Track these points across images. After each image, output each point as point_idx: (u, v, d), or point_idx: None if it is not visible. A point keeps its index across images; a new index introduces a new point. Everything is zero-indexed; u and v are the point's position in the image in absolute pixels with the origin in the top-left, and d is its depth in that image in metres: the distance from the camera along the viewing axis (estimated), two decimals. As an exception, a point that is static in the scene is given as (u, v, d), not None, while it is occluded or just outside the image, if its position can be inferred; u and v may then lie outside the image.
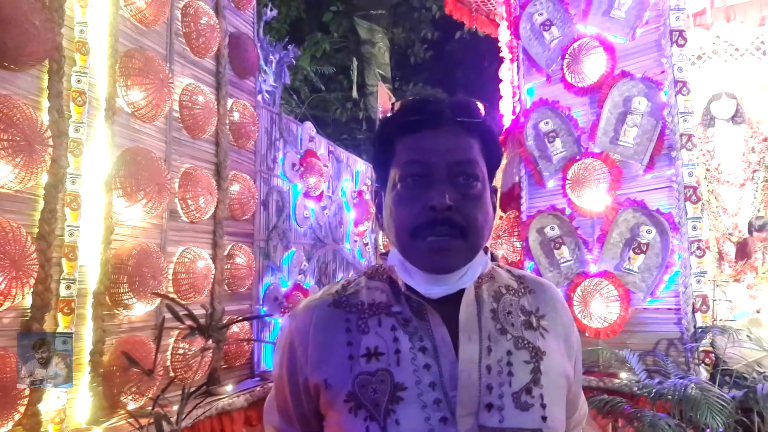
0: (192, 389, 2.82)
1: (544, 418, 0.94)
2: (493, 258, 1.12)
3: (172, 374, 3.40)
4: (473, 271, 1.02)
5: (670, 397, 3.07)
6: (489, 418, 0.91)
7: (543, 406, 0.94)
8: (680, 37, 3.95)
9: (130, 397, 2.98)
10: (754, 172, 5.84)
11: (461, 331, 0.97)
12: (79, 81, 2.80)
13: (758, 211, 5.79)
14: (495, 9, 6.80)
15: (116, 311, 3.03)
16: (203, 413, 3.34)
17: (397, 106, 1.06)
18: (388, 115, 1.07)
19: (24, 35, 2.44)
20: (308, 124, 5.45)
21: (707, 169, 6.02)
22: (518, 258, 4.71)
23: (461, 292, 1.00)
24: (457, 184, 0.97)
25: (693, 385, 3.03)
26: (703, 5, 6.20)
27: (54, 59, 2.63)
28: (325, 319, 1.03)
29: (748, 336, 3.58)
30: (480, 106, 1.04)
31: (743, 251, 5.73)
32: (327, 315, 1.03)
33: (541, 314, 1.06)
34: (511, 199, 4.95)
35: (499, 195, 5.27)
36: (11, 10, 2.40)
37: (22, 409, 2.45)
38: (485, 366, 0.95)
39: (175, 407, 3.21)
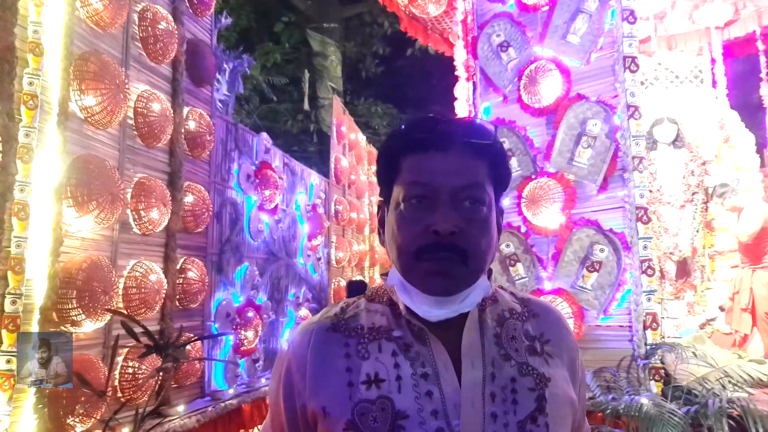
0: (147, 410, 2.68)
1: None
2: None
3: (119, 395, 3.22)
4: (475, 295, 0.99)
5: (625, 413, 3.15)
6: None
7: None
8: (633, 64, 4.10)
9: (77, 420, 2.80)
10: (694, 194, 6.12)
11: (464, 356, 0.95)
12: (31, 83, 2.64)
13: (697, 232, 6.06)
14: (450, 28, 6.90)
15: (64, 328, 2.85)
16: (154, 435, 3.18)
17: (404, 123, 1.03)
18: (396, 132, 1.04)
19: (-27, 33, 2.29)
20: (264, 135, 5.35)
21: (650, 191, 6.27)
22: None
23: (463, 316, 0.98)
24: (462, 209, 0.95)
25: (648, 402, 3.12)
26: (648, 33, 6.50)
27: (6, 60, 2.47)
28: (323, 343, 0.99)
29: (694, 353, 3.72)
30: (489, 127, 1.03)
31: (683, 270, 5.98)
32: (325, 339, 0.99)
33: (546, 339, 1.04)
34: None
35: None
36: (-41, 6, 2.24)
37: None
38: (489, 393, 0.92)
39: (124, 430, 3.06)
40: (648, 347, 3.73)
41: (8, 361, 2.44)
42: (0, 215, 2.45)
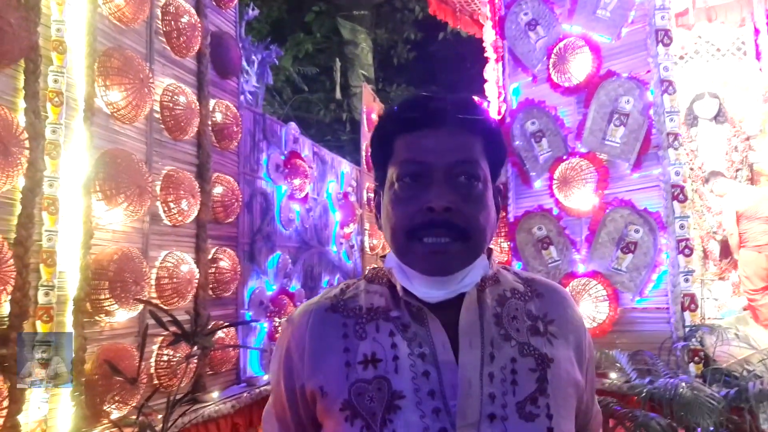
0: (178, 397, 2.74)
1: (550, 430, 0.89)
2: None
3: (156, 382, 3.31)
4: (474, 275, 0.97)
5: (661, 397, 3.07)
6: (491, 429, 0.86)
7: (549, 417, 0.90)
8: (666, 37, 3.95)
9: (113, 406, 2.89)
10: (738, 170, 5.89)
11: (461, 336, 0.93)
12: (56, 81, 2.71)
13: (742, 209, 5.82)
14: (479, 9, 6.79)
15: (97, 318, 2.94)
16: (189, 421, 3.25)
17: (396, 103, 1.02)
18: (387, 111, 1.03)
19: (-2, 33, 2.35)
20: (292, 125, 5.38)
21: (691, 168, 6.07)
22: (506, 259, 4.69)
23: (463, 296, 0.96)
24: (458, 185, 0.93)
25: (684, 385, 3.03)
26: (686, 5, 6.24)
27: (30, 59, 2.54)
28: (321, 324, 0.99)
29: (736, 334, 3.59)
30: (483, 103, 1.00)
31: (727, 249, 5.77)
32: (324, 320, 0.99)
33: (550, 319, 1.01)
34: (498, 199, 4.93)
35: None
36: (-17, 7, 2.31)
37: (0, 421, 2.35)
38: (487, 374, 0.90)
39: (160, 416, 3.13)
40: (686, 329, 3.62)
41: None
42: (30, 210, 2.53)
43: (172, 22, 3.62)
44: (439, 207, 0.90)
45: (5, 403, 2.36)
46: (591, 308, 3.94)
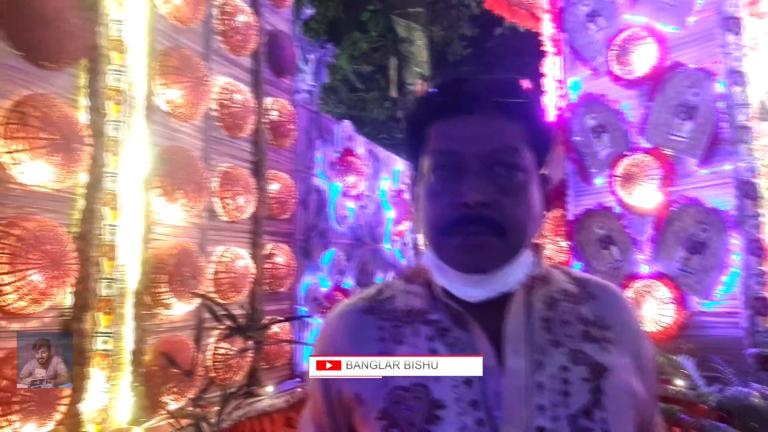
0: (232, 390, 2.78)
1: None
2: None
3: (212, 375, 3.37)
4: (517, 273, 0.91)
5: (730, 406, 2.90)
6: None
7: None
8: (735, 25, 3.74)
9: (171, 398, 2.96)
10: (815, 167, 5.51)
11: (507, 342, 0.87)
12: (116, 79, 2.78)
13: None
14: (536, 2, 6.62)
15: (156, 311, 3.01)
16: (244, 414, 3.30)
17: (429, 86, 0.96)
18: (419, 97, 0.98)
19: (59, 33, 2.43)
20: (346, 123, 5.40)
21: (764, 165, 5.73)
22: (564, 259, 4.55)
23: (507, 297, 0.90)
24: (495, 176, 0.87)
25: (756, 394, 2.86)
26: (759, -8, 5.89)
27: (91, 57, 2.62)
28: (357, 326, 0.96)
29: (814, 341, 3.36)
30: (524, 84, 0.94)
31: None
32: (359, 322, 0.96)
33: (605, 324, 0.93)
34: (556, 197, 4.80)
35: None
36: (45, 8, 2.38)
37: (62, 409, 2.44)
38: (536, 383, 0.84)
39: (216, 408, 3.19)
40: (759, 334, 3.41)
41: (104, 342, 2.61)
42: (92, 204, 2.60)
43: (229, 22, 3.67)
44: (474, 202, 0.84)
45: (67, 392, 2.44)
46: (655, 311, 3.77)
